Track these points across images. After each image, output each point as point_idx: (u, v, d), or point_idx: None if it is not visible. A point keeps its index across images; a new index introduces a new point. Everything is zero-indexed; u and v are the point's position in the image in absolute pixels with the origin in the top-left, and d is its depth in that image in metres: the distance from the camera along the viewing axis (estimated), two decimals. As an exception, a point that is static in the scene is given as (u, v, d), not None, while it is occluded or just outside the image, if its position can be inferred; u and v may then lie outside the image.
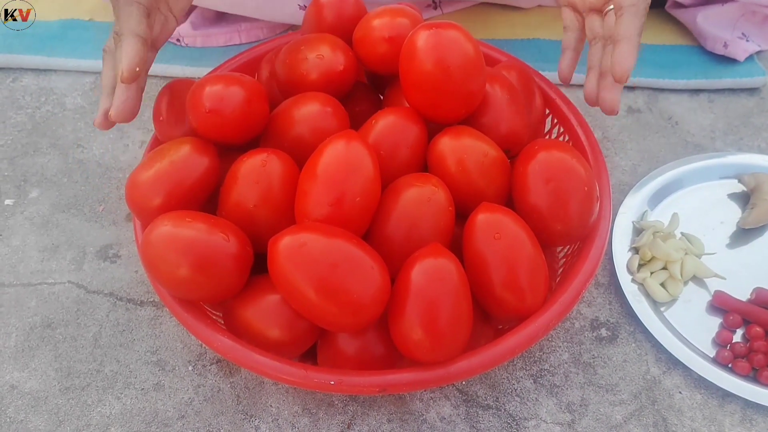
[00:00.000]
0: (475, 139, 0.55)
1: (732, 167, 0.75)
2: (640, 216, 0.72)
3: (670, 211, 0.73)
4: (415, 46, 0.53)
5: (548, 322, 0.51)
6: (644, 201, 0.73)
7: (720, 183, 0.75)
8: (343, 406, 0.60)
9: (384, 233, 0.53)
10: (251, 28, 0.90)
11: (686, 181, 0.75)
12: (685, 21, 0.90)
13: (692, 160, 0.76)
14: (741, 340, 0.63)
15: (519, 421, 0.60)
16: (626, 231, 0.70)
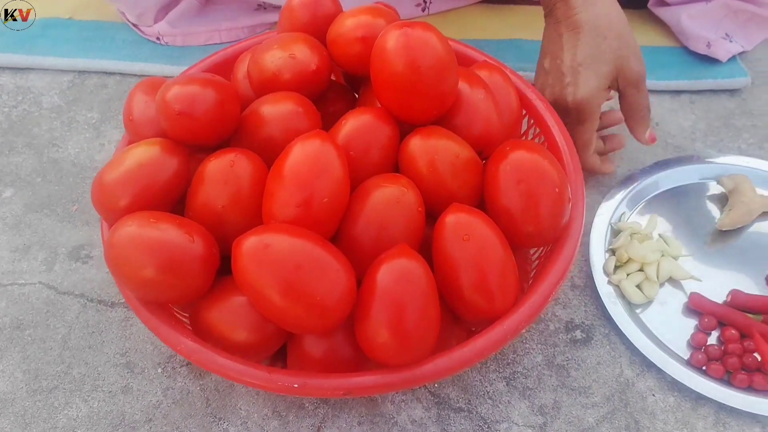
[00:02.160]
0: (446, 140, 0.55)
1: (712, 169, 0.75)
2: (618, 218, 0.71)
3: (648, 213, 0.72)
4: (385, 46, 0.53)
5: (517, 325, 0.50)
6: (623, 202, 0.73)
7: (699, 184, 0.75)
8: (313, 409, 0.60)
9: (353, 234, 0.52)
10: (232, 28, 0.90)
11: (665, 182, 0.75)
12: (669, 20, 0.90)
13: (672, 161, 0.76)
14: (716, 343, 0.63)
15: (490, 424, 0.59)
16: (604, 233, 0.70)
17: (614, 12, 0.66)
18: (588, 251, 0.69)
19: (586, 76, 0.65)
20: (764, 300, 0.64)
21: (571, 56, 0.66)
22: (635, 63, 0.67)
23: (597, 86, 0.66)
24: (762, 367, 0.61)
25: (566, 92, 0.66)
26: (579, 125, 0.67)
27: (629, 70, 0.67)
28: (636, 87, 0.68)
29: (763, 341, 0.60)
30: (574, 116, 0.67)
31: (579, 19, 0.65)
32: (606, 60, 0.65)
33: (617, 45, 0.65)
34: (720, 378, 0.60)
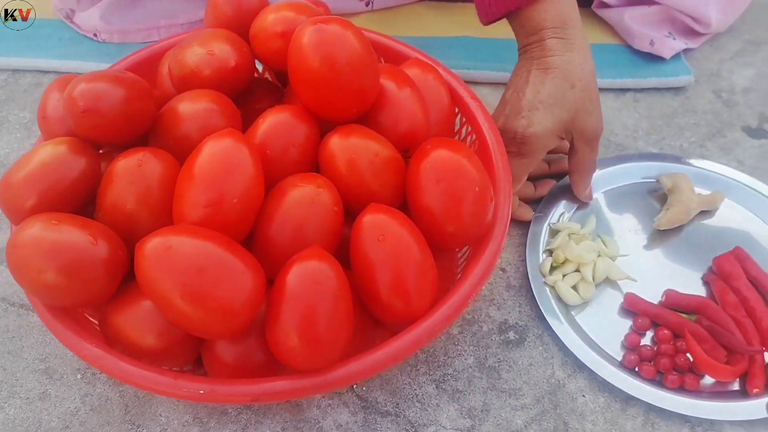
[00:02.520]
0: (365, 139, 0.54)
1: (652, 168, 0.74)
2: (557, 218, 0.71)
3: (587, 213, 0.72)
4: (300, 42, 0.51)
5: (434, 327, 0.49)
6: (562, 203, 0.72)
7: (640, 184, 0.75)
8: (236, 415, 0.59)
9: (267, 236, 0.51)
10: (171, 25, 0.88)
11: (606, 181, 0.74)
12: (612, 20, 0.89)
13: (612, 160, 0.76)
14: (650, 344, 0.62)
15: (418, 428, 0.58)
16: (542, 233, 0.69)
17: (588, 65, 0.64)
18: (525, 252, 0.68)
19: (542, 115, 0.63)
20: (697, 300, 0.63)
21: (533, 93, 0.64)
22: (595, 120, 0.65)
23: (550, 128, 0.64)
24: (693, 368, 0.60)
25: (518, 124, 0.64)
26: (517, 158, 0.65)
27: (587, 126, 0.65)
28: (589, 144, 0.66)
29: (693, 341, 0.59)
30: (516, 148, 0.65)
31: (551, 62, 0.64)
32: (567, 107, 0.63)
33: (582, 97, 0.64)
34: (651, 379, 0.59)
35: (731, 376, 0.59)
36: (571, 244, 0.66)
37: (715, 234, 0.70)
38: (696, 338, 0.60)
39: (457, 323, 0.64)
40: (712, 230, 0.70)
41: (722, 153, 0.79)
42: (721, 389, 0.59)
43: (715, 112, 0.83)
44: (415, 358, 0.62)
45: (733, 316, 0.62)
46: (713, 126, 0.82)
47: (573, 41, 0.64)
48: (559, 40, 0.64)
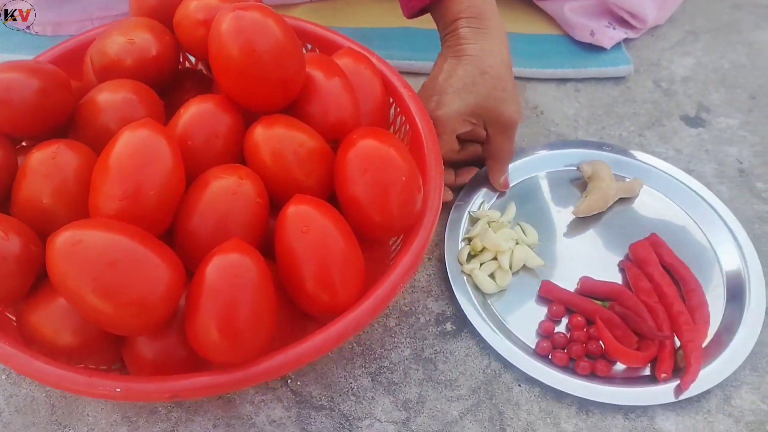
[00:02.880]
0: (291, 129, 0.53)
1: (575, 155, 0.75)
2: (478, 206, 0.70)
3: (507, 201, 0.72)
4: (219, 29, 0.50)
5: (360, 319, 0.49)
6: (482, 191, 0.72)
7: (562, 171, 0.75)
8: (166, 413, 0.57)
9: (188, 228, 0.50)
10: (105, 17, 0.86)
11: (528, 169, 0.74)
12: (552, 11, 0.89)
13: (536, 148, 0.76)
14: (565, 331, 0.63)
15: (352, 422, 0.57)
16: (462, 222, 0.69)
17: (501, 54, 0.65)
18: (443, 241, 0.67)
19: (450, 98, 0.64)
20: (611, 286, 0.64)
21: (445, 78, 0.65)
22: (510, 109, 0.65)
23: (457, 110, 0.64)
24: (605, 354, 0.60)
25: (428, 106, 0.64)
26: None
27: (501, 115, 0.65)
28: (504, 133, 0.67)
29: (604, 327, 0.60)
30: None
31: (464, 50, 0.65)
32: (476, 93, 0.64)
33: (493, 84, 0.64)
34: (564, 366, 0.60)
35: (641, 362, 0.59)
36: (488, 233, 0.66)
37: (634, 221, 0.70)
38: (608, 324, 0.61)
39: (393, 315, 0.64)
40: (630, 217, 0.71)
41: (661, 142, 0.79)
42: (633, 375, 0.60)
43: (654, 102, 0.84)
44: (351, 351, 0.62)
45: (646, 302, 0.62)
46: (652, 115, 0.82)
47: (487, 31, 0.65)
48: (473, 29, 0.65)
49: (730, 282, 0.65)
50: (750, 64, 0.88)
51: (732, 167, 0.77)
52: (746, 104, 0.83)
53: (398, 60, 0.84)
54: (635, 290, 0.63)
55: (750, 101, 0.84)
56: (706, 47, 0.90)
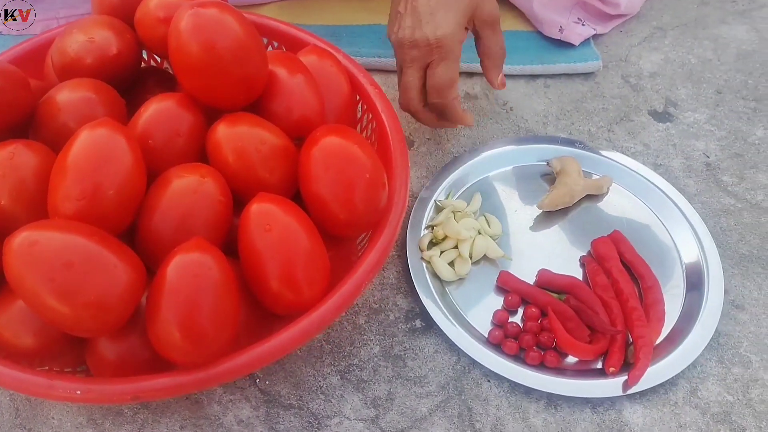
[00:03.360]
0: (253, 127, 0.52)
1: (548, 151, 0.75)
2: (445, 195, 0.70)
3: (473, 191, 0.72)
4: (178, 27, 0.50)
5: (324, 317, 0.49)
6: (449, 180, 0.72)
7: (533, 166, 0.75)
8: (132, 415, 0.57)
9: (149, 228, 0.49)
10: (71, 16, 0.85)
11: (499, 162, 0.75)
12: (521, 6, 0.89)
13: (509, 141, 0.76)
14: (520, 321, 0.63)
15: (321, 420, 0.57)
16: (427, 210, 0.69)
17: None
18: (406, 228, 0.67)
19: (444, 15, 0.65)
20: (568, 280, 0.64)
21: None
22: (489, 4, 0.68)
23: (456, 23, 0.65)
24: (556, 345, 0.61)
25: (427, 31, 0.65)
26: (443, 64, 0.66)
27: (484, 11, 0.67)
28: (491, 28, 0.69)
29: (556, 319, 0.60)
30: (437, 55, 0.66)
31: None
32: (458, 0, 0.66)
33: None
34: (515, 355, 0.60)
35: (590, 355, 0.60)
36: (450, 221, 0.66)
37: (600, 218, 0.71)
38: (561, 317, 0.61)
39: (363, 312, 0.64)
40: (596, 214, 0.71)
41: (629, 137, 0.80)
42: (584, 368, 0.60)
43: (623, 97, 0.84)
44: (320, 350, 0.61)
45: (602, 297, 0.63)
46: (621, 110, 0.83)
47: None
48: None
49: (689, 276, 0.66)
50: (716, 59, 0.89)
51: (699, 161, 0.77)
52: (713, 99, 0.84)
53: (367, 57, 0.84)
54: (592, 285, 0.64)
55: (716, 96, 0.85)
56: (673, 43, 0.91)
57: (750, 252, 0.69)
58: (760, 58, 0.89)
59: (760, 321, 0.64)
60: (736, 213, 0.72)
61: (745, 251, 0.69)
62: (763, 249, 0.69)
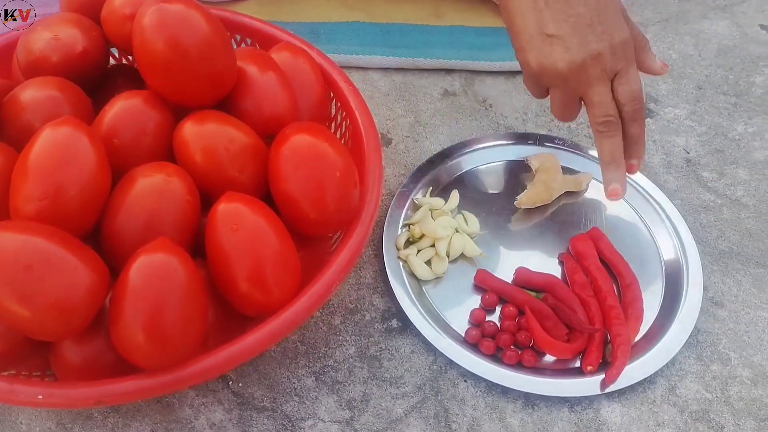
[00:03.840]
0: (221, 125, 0.51)
1: (527, 148, 0.75)
2: (424, 194, 0.70)
3: (451, 189, 0.71)
4: (142, 24, 0.49)
5: (294, 318, 0.48)
6: (427, 178, 0.71)
7: (512, 162, 0.74)
8: (102, 419, 0.56)
9: (114, 228, 0.48)
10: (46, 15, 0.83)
11: (478, 160, 0.74)
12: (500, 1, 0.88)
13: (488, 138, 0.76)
14: (497, 320, 0.62)
15: (295, 422, 0.56)
16: (404, 208, 0.68)
17: None
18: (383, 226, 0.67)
19: (612, 18, 0.58)
20: (546, 278, 0.63)
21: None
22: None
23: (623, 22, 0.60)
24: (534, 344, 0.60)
25: (606, 40, 0.58)
26: (631, 67, 0.60)
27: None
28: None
29: (533, 318, 0.59)
30: (623, 61, 0.59)
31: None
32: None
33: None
34: (491, 355, 0.59)
35: (568, 354, 0.59)
36: (427, 219, 0.65)
37: (579, 215, 0.70)
38: (538, 315, 0.60)
39: (339, 313, 0.63)
40: (576, 211, 0.71)
41: (609, 133, 0.79)
42: (562, 367, 0.60)
43: (603, 93, 0.83)
44: (294, 351, 0.61)
45: (580, 295, 0.62)
46: (601, 106, 0.82)
47: None
48: None
49: (668, 273, 0.65)
50: (697, 55, 0.89)
51: (679, 157, 0.77)
52: (693, 94, 0.84)
53: (345, 54, 0.83)
54: (570, 283, 0.63)
55: (697, 91, 0.84)
56: (654, 38, 0.90)
57: (730, 248, 0.69)
58: (741, 53, 0.89)
59: (739, 318, 0.64)
60: (716, 209, 0.72)
61: (724, 247, 0.69)
62: (743, 245, 0.69)
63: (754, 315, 0.64)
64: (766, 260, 0.68)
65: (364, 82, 0.82)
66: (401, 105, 0.81)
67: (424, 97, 0.82)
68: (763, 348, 0.62)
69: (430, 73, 0.84)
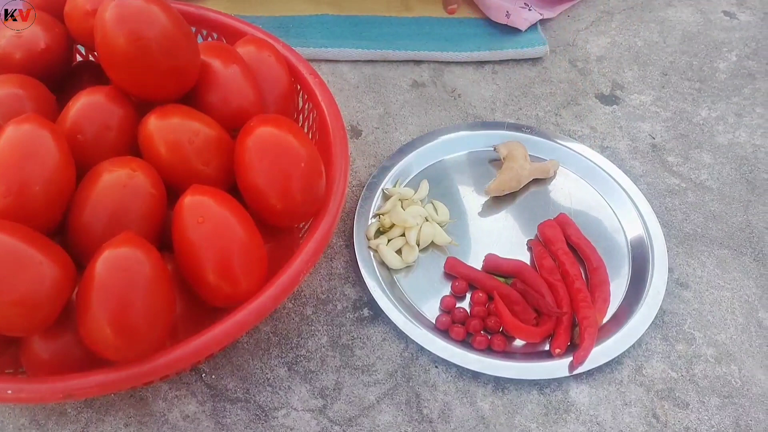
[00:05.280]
0: (186, 118, 0.52)
1: (495, 137, 0.75)
2: (393, 183, 0.71)
3: (421, 179, 0.72)
4: (102, 19, 0.49)
5: (261, 308, 0.48)
6: (397, 168, 0.72)
7: (481, 151, 0.75)
8: (76, 414, 0.56)
9: (80, 223, 0.48)
10: (14, 12, 0.83)
11: (447, 150, 0.75)
12: None
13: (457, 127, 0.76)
14: (468, 307, 0.63)
15: (268, 412, 0.57)
16: (375, 199, 0.69)
17: None
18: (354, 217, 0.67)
19: None
20: (514, 263, 0.64)
21: None
22: None
23: None
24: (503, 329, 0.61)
25: None
26: None
27: None
28: None
29: (501, 303, 0.60)
30: None
31: None
32: None
33: None
34: (462, 340, 0.60)
35: (536, 337, 0.60)
36: (397, 209, 0.66)
37: (547, 201, 0.72)
38: (507, 300, 0.61)
39: (310, 303, 0.63)
40: (544, 198, 0.72)
41: (576, 120, 0.80)
42: (531, 350, 0.61)
43: (570, 81, 0.85)
44: (267, 342, 0.61)
45: (548, 280, 0.63)
46: (568, 94, 0.83)
47: None
48: None
49: (635, 256, 0.67)
50: (662, 42, 0.90)
51: (645, 143, 0.78)
52: (658, 80, 0.85)
53: (314, 47, 0.83)
54: (539, 268, 0.64)
55: (662, 77, 0.86)
56: (620, 26, 0.92)
57: (694, 231, 0.70)
58: (705, 39, 0.91)
59: (703, 298, 0.65)
60: (681, 193, 0.73)
61: (689, 230, 0.70)
62: (707, 227, 0.70)
63: (718, 295, 0.65)
64: (729, 241, 0.69)
65: (333, 75, 0.83)
66: (371, 97, 0.81)
67: (394, 88, 0.82)
68: (727, 327, 0.63)
69: (399, 64, 0.85)
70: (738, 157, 0.77)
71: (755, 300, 0.65)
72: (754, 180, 0.75)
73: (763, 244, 0.69)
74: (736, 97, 0.84)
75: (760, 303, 0.65)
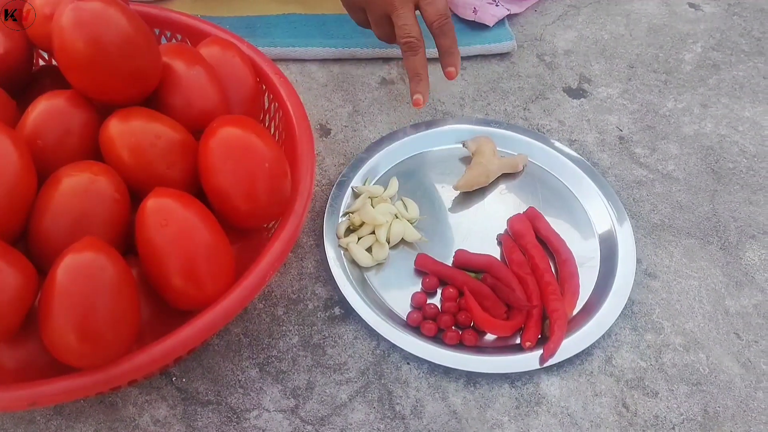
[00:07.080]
0: (148, 121, 0.51)
1: (463, 133, 0.76)
2: (363, 181, 0.71)
3: (390, 176, 0.72)
4: (60, 23, 0.48)
5: (227, 310, 0.48)
6: (368, 168, 0.72)
7: (451, 148, 0.75)
8: (45, 422, 0.55)
9: (41, 230, 0.48)
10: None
11: (416, 146, 0.75)
12: None
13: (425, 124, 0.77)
14: (439, 303, 0.63)
15: (240, 414, 0.57)
16: (344, 197, 0.69)
17: None
18: (324, 216, 0.67)
19: None
20: (484, 258, 0.65)
21: None
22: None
23: None
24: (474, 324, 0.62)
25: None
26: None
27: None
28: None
29: (472, 298, 0.61)
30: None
31: None
32: None
33: None
34: (433, 336, 0.61)
35: (507, 331, 0.61)
36: (366, 207, 0.66)
37: (516, 196, 0.72)
38: (477, 295, 0.62)
39: (281, 304, 0.63)
40: (513, 192, 0.72)
41: (544, 114, 0.81)
42: (503, 344, 0.61)
43: (538, 75, 0.85)
44: (238, 343, 0.61)
45: (517, 274, 0.64)
46: (536, 89, 0.84)
47: None
48: None
49: (604, 248, 0.67)
50: (629, 34, 0.91)
51: (612, 135, 0.79)
52: (625, 73, 0.86)
53: (282, 47, 0.83)
54: (509, 262, 0.65)
55: (629, 70, 0.86)
56: (586, 20, 0.92)
57: (662, 221, 0.71)
58: (670, 31, 0.91)
59: (671, 287, 0.66)
60: (648, 184, 0.74)
61: (657, 220, 0.71)
62: (674, 217, 0.71)
63: (686, 284, 0.66)
64: (696, 231, 0.70)
65: (302, 74, 0.83)
66: (339, 95, 0.81)
67: (362, 86, 0.82)
68: (695, 315, 0.64)
69: (367, 62, 0.85)
70: (704, 148, 0.78)
71: (722, 288, 0.66)
72: (720, 170, 0.76)
73: (729, 232, 0.70)
74: (702, 87, 0.85)
75: (726, 291, 0.66)
